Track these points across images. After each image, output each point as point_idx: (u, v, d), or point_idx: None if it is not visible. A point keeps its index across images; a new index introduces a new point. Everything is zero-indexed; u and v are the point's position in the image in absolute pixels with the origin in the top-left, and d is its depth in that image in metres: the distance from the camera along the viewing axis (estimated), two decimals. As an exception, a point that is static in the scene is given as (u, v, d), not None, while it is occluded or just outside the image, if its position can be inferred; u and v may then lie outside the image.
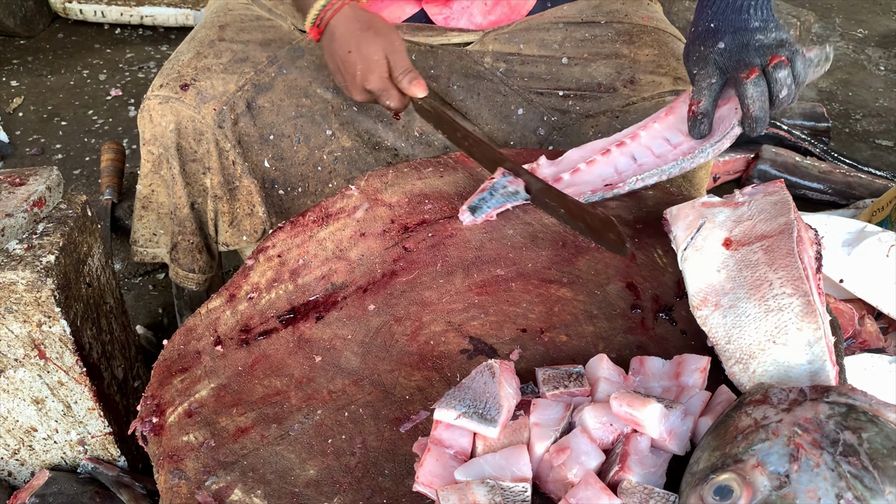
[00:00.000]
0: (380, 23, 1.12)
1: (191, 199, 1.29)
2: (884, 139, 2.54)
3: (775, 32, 0.99)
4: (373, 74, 1.09)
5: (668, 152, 1.00)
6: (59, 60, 2.93)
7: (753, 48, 0.97)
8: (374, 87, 1.09)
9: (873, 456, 0.57)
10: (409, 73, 1.09)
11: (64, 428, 1.16)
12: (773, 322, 0.75)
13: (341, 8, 1.11)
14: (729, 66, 0.98)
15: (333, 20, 1.12)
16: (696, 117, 0.97)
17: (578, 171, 1.02)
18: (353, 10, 1.12)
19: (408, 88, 1.09)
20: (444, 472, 0.66)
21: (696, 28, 1.04)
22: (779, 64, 0.94)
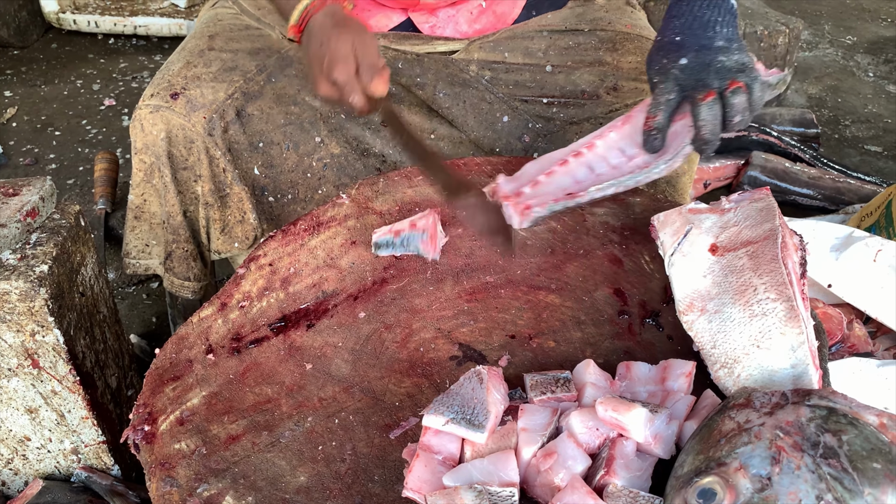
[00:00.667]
0: (354, 22, 1.12)
1: (183, 206, 1.30)
2: (873, 145, 2.56)
3: (738, 55, 0.99)
4: (338, 66, 1.07)
5: (624, 164, 1.01)
6: (52, 70, 2.94)
7: (714, 69, 0.97)
8: (339, 79, 1.07)
9: (853, 458, 0.58)
10: (373, 69, 1.08)
11: (57, 437, 1.16)
12: (757, 327, 0.76)
13: (321, 7, 1.13)
14: (688, 83, 0.98)
15: (313, 18, 1.13)
16: (650, 132, 0.97)
17: (539, 183, 1.02)
18: (330, 8, 1.13)
19: (369, 84, 1.07)
20: (433, 477, 0.67)
21: (661, 37, 1.05)
22: (736, 90, 0.95)
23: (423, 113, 1.32)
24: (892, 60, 3.12)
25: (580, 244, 0.97)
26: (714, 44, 1.00)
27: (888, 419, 0.60)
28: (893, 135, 2.61)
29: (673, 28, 1.03)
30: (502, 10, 1.35)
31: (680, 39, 1.01)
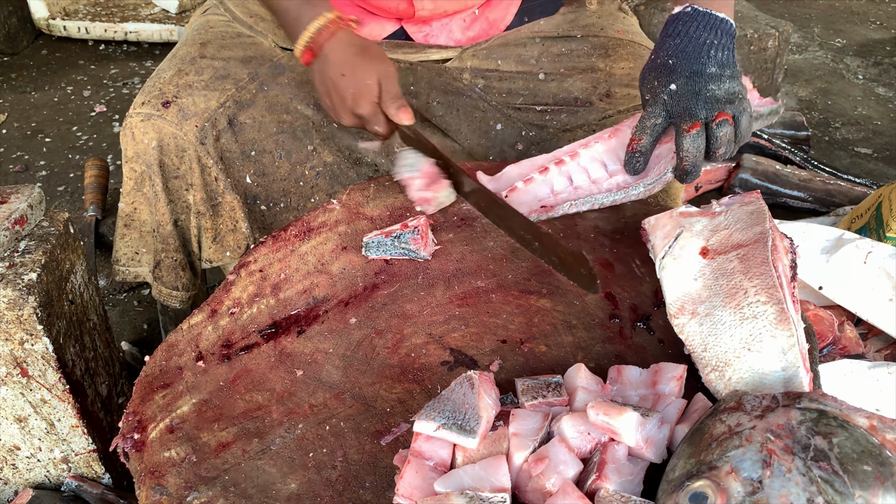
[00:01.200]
0: (375, 49, 1.12)
1: (174, 216, 1.30)
2: (863, 147, 2.57)
3: (729, 83, 0.98)
4: (364, 99, 1.09)
5: (603, 179, 1.01)
6: (42, 77, 2.93)
7: (703, 98, 0.96)
8: (364, 112, 1.10)
9: (843, 460, 0.58)
10: (398, 99, 1.09)
11: (47, 446, 1.15)
12: (747, 330, 0.76)
13: (336, 32, 1.11)
14: (675, 110, 0.97)
15: (329, 44, 1.11)
16: (633, 154, 0.98)
17: (515, 189, 1.03)
18: (348, 34, 1.12)
19: (395, 115, 1.09)
20: (424, 483, 0.67)
21: (655, 57, 1.04)
22: (723, 122, 0.94)
23: (417, 121, 1.32)
24: (881, 63, 3.14)
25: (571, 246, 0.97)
26: (706, 70, 0.98)
27: (878, 421, 0.60)
28: (883, 137, 2.63)
29: (667, 49, 1.02)
30: (495, 16, 1.35)
31: (672, 63, 1.00)
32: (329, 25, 1.11)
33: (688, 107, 0.96)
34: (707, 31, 1.01)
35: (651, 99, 1.00)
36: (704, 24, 1.02)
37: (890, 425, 0.60)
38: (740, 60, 2.50)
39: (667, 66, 1.01)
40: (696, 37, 1.01)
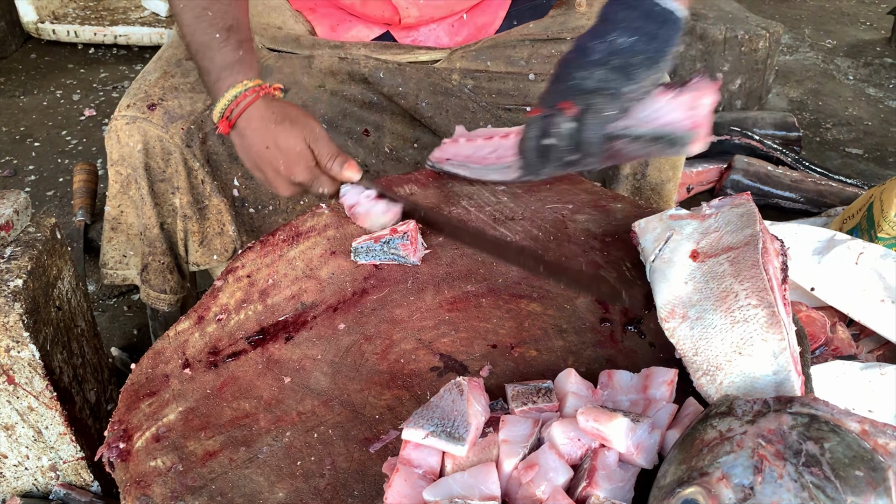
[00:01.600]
0: (294, 112, 1.05)
1: (160, 219, 1.29)
2: (853, 147, 2.58)
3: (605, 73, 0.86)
4: (298, 167, 1.03)
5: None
6: (31, 81, 2.91)
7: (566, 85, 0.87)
8: (304, 179, 1.04)
9: (835, 466, 0.57)
10: (338, 157, 1.03)
11: (35, 454, 1.14)
12: (738, 333, 0.75)
13: (254, 101, 1.04)
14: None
15: (245, 114, 1.04)
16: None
17: (457, 143, 1.11)
18: (265, 101, 1.04)
19: (340, 174, 1.03)
20: (413, 492, 0.66)
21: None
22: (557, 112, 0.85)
23: (406, 122, 1.32)
24: (871, 63, 3.15)
25: (561, 251, 0.97)
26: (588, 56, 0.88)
27: (870, 426, 0.60)
28: (874, 137, 2.64)
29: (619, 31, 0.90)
30: (483, 21, 1.35)
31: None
32: (248, 93, 1.04)
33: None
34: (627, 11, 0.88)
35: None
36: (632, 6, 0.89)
37: (882, 430, 0.59)
38: (731, 61, 2.51)
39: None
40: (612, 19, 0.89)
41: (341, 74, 1.30)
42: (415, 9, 1.28)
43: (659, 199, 1.28)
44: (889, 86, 2.98)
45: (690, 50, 2.50)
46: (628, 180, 1.28)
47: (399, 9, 1.28)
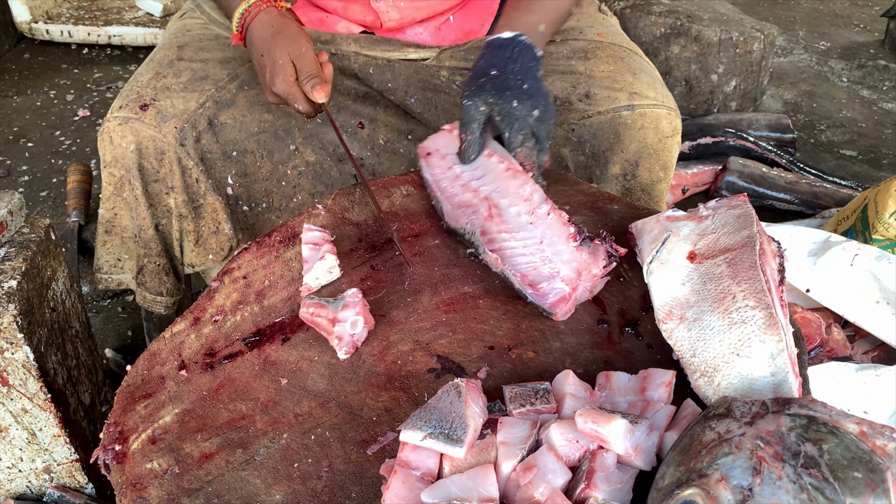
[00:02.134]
0: (291, 28, 1.14)
1: (155, 220, 1.28)
2: (848, 149, 2.58)
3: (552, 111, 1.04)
4: (278, 77, 1.11)
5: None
6: (25, 81, 2.90)
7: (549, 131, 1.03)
8: (280, 91, 1.12)
9: (833, 467, 0.57)
10: (313, 78, 1.10)
11: (29, 456, 1.13)
12: (736, 335, 0.75)
13: (258, 14, 1.15)
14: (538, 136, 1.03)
15: (251, 25, 1.16)
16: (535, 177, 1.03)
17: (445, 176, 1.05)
18: (268, 15, 1.16)
19: (310, 93, 1.10)
20: (411, 494, 0.66)
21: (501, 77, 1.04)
22: None
23: (399, 115, 1.32)
24: (865, 65, 3.16)
25: (559, 253, 0.97)
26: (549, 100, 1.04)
27: (868, 427, 0.60)
28: (868, 139, 2.64)
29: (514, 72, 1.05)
30: (470, 26, 1.35)
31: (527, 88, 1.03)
32: (251, 8, 1.15)
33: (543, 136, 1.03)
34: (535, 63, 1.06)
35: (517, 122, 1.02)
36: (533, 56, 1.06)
37: (880, 431, 0.59)
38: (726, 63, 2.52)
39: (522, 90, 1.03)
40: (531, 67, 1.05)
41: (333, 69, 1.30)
42: (395, 11, 1.28)
43: (649, 200, 1.28)
44: (883, 88, 2.99)
45: (685, 52, 2.50)
46: (617, 180, 1.28)
47: (379, 13, 1.28)
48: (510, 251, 0.93)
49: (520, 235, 0.94)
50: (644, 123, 1.22)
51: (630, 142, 1.23)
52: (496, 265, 0.92)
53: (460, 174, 1.04)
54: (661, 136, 1.25)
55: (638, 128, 1.22)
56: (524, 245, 0.93)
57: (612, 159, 1.25)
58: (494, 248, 0.93)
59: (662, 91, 1.26)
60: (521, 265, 0.91)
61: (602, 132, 1.23)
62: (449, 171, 1.06)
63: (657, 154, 1.26)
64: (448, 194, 1.03)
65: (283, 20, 1.15)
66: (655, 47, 2.51)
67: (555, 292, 0.88)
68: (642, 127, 1.22)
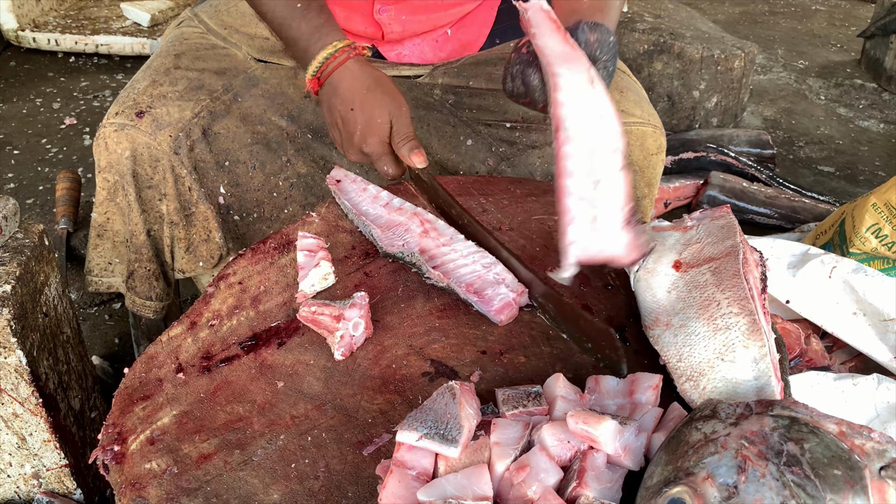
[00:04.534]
0: (387, 83, 1.08)
1: (147, 225, 1.29)
2: (825, 165, 2.64)
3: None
4: (373, 137, 1.05)
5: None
6: (11, 89, 2.89)
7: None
8: (372, 151, 1.06)
9: (815, 465, 0.60)
10: (411, 140, 1.05)
11: (18, 461, 1.13)
12: (720, 340, 0.78)
13: (346, 61, 1.07)
14: None
15: (337, 73, 1.07)
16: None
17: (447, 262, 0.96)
18: (359, 64, 1.08)
19: (407, 157, 1.05)
20: (407, 493, 0.67)
21: None
22: None
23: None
24: (842, 84, 3.24)
25: (548, 261, 0.99)
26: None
27: (847, 427, 0.62)
28: (844, 156, 2.71)
29: None
30: (467, 38, 1.38)
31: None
32: (338, 54, 1.07)
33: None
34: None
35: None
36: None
37: (858, 431, 0.62)
38: (707, 80, 2.57)
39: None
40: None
41: None
42: (397, 25, 1.31)
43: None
44: (859, 106, 3.06)
45: (668, 69, 2.55)
46: None
47: (382, 25, 1.30)
48: (452, 264, 0.93)
49: (458, 245, 0.95)
50: (630, 141, 1.25)
51: None
52: (440, 281, 0.92)
53: (377, 194, 1.03)
54: (647, 153, 1.27)
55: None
56: (464, 255, 0.93)
57: None
58: (437, 265, 0.93)
59: (648, 109, 1.29)
60: (466, 276, 0.92)
61: None
62: (365, 193, 1.03)
63: (642, 171, 1.29)
64: (372, 217, 1.00)
65: (377, 73, 1.08)
66: (639, 63, 2.56)
67: (499, 298, 0.89)
68: (628, 144, 1.25)
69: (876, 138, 2.83)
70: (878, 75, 3.24)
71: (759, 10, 4.11)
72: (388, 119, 1.05)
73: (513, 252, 0.95)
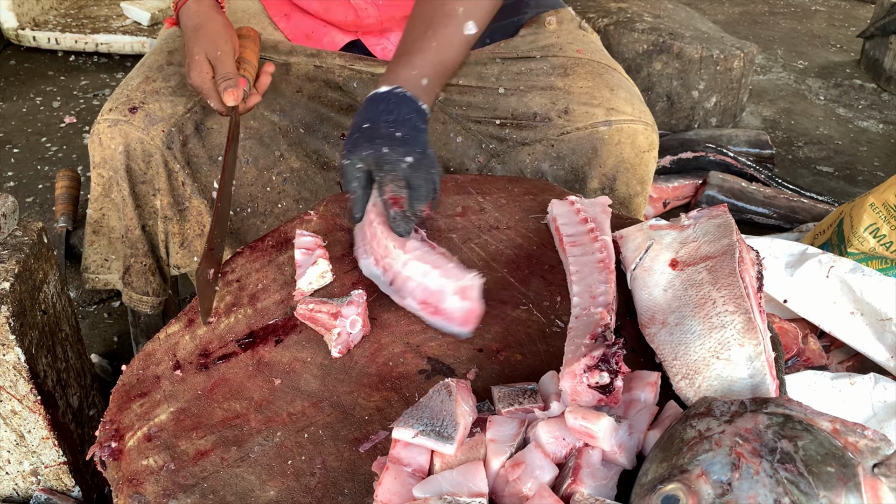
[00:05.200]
0: (211, 26, 1.18)
1: (142, 221, 1.30)
2: (824, 165, 2.64)
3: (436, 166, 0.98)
4: (194, 73, 1.15)
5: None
6: (10, 87, 2.90)
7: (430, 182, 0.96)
8: (194, 84, 1.16)
9: (808, 462, 0.60)
10: (227, 80, 1.14)
11: (16, 458, 1.14)
12: (716, 339, 0.78)
13: (188, 1, 1.20)
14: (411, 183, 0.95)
15: (181, 12, 1.21)
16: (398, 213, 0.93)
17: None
18: (196, 4, 1.20)
19: (222, 94, 1.14)
20: (403, 489, 0.67)
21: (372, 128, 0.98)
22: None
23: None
24: (841, 84, 3.24)
25: (545, 259, 0.99)
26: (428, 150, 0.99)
27: (841, 425, 0.63)
28: (843, 156, 2.71)
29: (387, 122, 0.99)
30: None
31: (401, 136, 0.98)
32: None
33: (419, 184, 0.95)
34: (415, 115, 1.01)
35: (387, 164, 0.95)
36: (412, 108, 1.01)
37: (852, 429, 0.62)
38: (706, 80, 2.57)
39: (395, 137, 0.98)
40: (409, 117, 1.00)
41: (318, 81, 1.33)
42: (373, 9, 1.31)
43: (627, 214, 1.31)
44: (858, 106, 3.07)
45: (667, 68, 2.55)
46: (596, 195, 1.30)
47: (358, 9, 1.31)
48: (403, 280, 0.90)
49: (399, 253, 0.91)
50: (621, 139, 1.25)
51: (607, 156, 1.26)
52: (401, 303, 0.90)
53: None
54: (638, 150, 1.28)
55: (615, 143, 1.25)
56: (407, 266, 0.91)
57: (590, 174, 1.28)
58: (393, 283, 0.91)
59: (640, 107, 1.29)
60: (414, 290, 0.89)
61: (580, 147, 1.26)
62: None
63: (634, 168, 1.29)
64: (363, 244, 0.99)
65: (208, 14, 1.19)
66: (638, 64, 2.56)
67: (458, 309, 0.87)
68: (619, 142, 1.25)
69: (875, 139, 2.83)
70: (878, 76, 3.24)
71: (758, 11, 4.11)
72: (206, 58, 1.15)
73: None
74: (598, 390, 0.72)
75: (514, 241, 1.03)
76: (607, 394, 0.72)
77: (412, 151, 0.95)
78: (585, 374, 0.72)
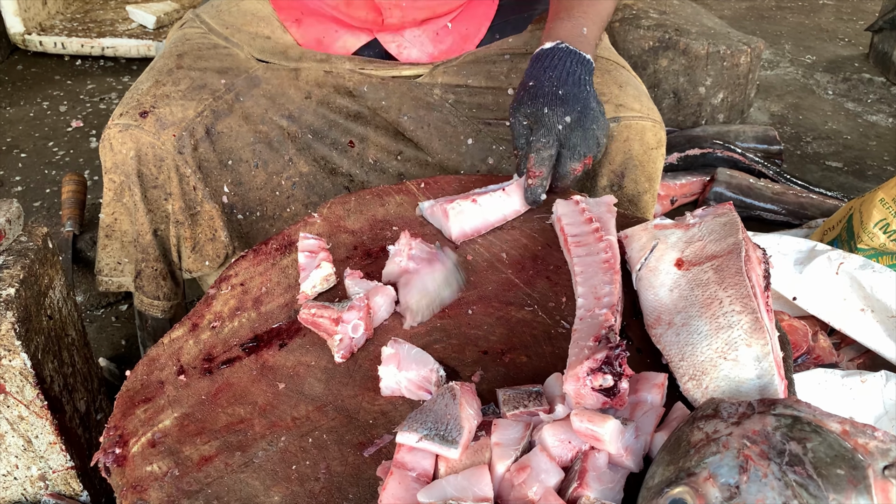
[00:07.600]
0: None
1: (153, 225, 1.30)
2: (833, 161, 2.62)
3: (602, 119, 1.07)
4: None
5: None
6: (18, 92, 2.91)
7: (591, 136, 1.05)
8: None
9: (817, 465, 0.59)
10: None
11: (24, 463, 1.14)
12: (723, 339, 0.77)
13: None
14: (567, 143, 1.05)
15: None
16: (534, 187, 1.04)
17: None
18: None
19: None
20: (407, 494, 0.67)
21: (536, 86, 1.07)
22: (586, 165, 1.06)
23: (390, 135, 1.34)
24: (850, 79, 3.21)
25: (550, 260, 0.99)
26: (590, 105, 1.06)
27: (850, 426, 0.62)
28: (853, 151, 2.69)
29: (550, 79, 1.07)
30: (467, 31, 1.37)
31: (563, 93, 1.05)
32: None
33: (577, 143, 1.04)
34: (579, 67, 1.08)
35: (542, 130, 1.04)
36: (576, 61, 1.09)
37: (862, 430, 0.61)
38: (713, 76, 2.55)
39: (556, 96, 1.05)
40: (573, 71, 1.07)
41: (327, 87, 1.33)
42: (397, 10, 1.30)
43: (636, 211, 1.31)
44: (867, 100, 3.04)
45: (674, 65, 2.54)
46: (605, 192, 1.30)
47: (382, 9, 1.30)
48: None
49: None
50: (629, 135, 1.25)
51: (616, 153, 1.26)
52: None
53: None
54: (646, 147, 1.27)
55: (623, 139, 1.25)
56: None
57: (599, 171, 1.28)
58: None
59: (648, 104, 1.29)
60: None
61: None
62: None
63: (642, 165, 1.28)
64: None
65: None
66: (644, 60, 2.55)
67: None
68: (627, 139, 1.25)
69: (884, 133, 2.81)
70: (887, 69, 3.22)
71: (765, 5, 4.09)
72: None
73: None
74: (601, 393, 0.71)
75: (519, 242, 1.02)
76: (611, 397, 0.71)
77: (571, 110, 1.02)
78: (588, 377, 0.71)
